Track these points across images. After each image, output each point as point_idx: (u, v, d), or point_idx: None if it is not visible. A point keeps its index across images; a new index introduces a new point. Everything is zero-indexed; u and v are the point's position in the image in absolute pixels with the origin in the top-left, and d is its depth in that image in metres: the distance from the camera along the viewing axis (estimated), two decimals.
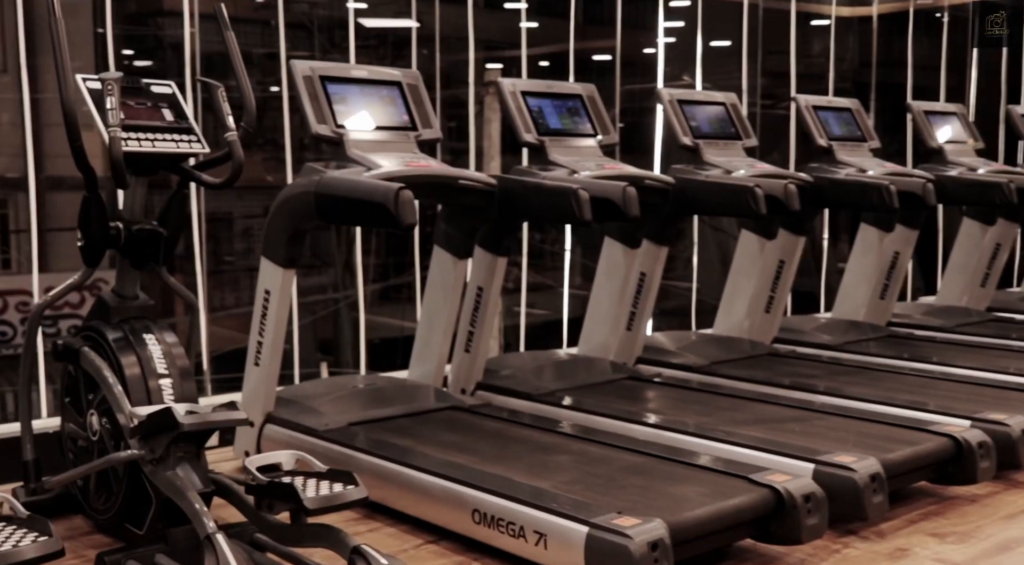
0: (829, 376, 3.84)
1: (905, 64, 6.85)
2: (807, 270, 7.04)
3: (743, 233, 4.41)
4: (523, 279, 5.25)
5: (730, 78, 7.29)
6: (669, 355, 4.09)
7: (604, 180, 3.28)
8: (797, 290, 7.30)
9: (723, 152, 4.15)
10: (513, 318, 5.95)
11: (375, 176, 2.85)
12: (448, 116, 6.54)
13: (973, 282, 5.40)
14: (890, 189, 3.99)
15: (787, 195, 3.65)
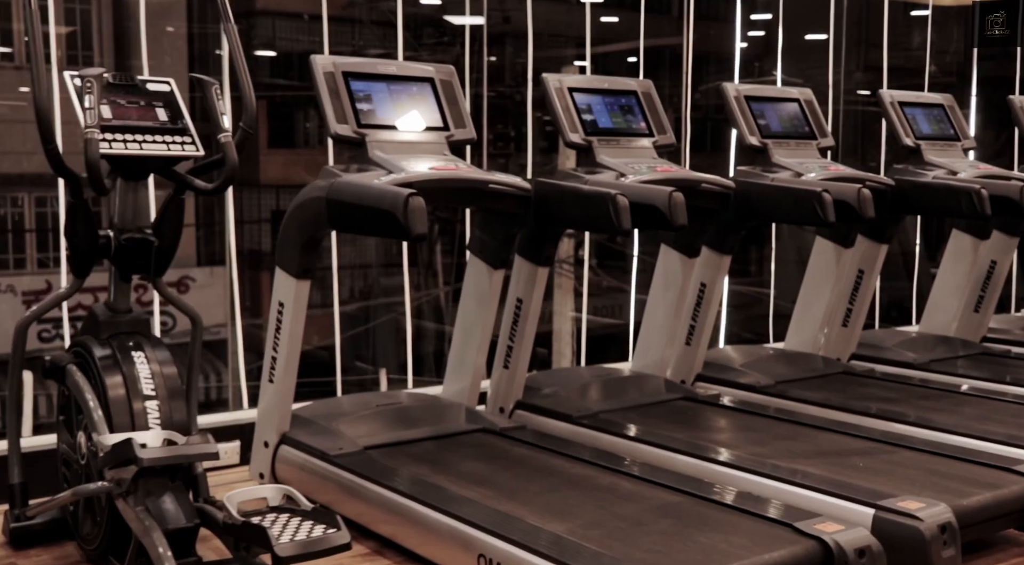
0: (907, 400, 3.47)
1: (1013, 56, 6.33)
2: (899, 278, 6.60)
3: (817, 240, 4.05)
4: (584, 283, 5.00)
5: (824, 73, 6.89)
6: (732, 373, 3.77)
7: (650, 185, 3.00)
8: (888, 300, 6.86)
9: (794, 152, 3.81)
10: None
11: (390, 181, 2.62)
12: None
13: None
14: (981, 193, 3.59)
15: (860, 200, 3.30)
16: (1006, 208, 3.74)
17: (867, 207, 3.28)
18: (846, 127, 10.20)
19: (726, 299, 5.35)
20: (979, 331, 4.57)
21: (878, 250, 4.07)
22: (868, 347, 4.23)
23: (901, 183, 3.83)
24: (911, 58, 7.92)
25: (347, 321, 13.45)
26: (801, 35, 8.64)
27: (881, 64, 6.57)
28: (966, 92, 6.34)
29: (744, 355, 4.00)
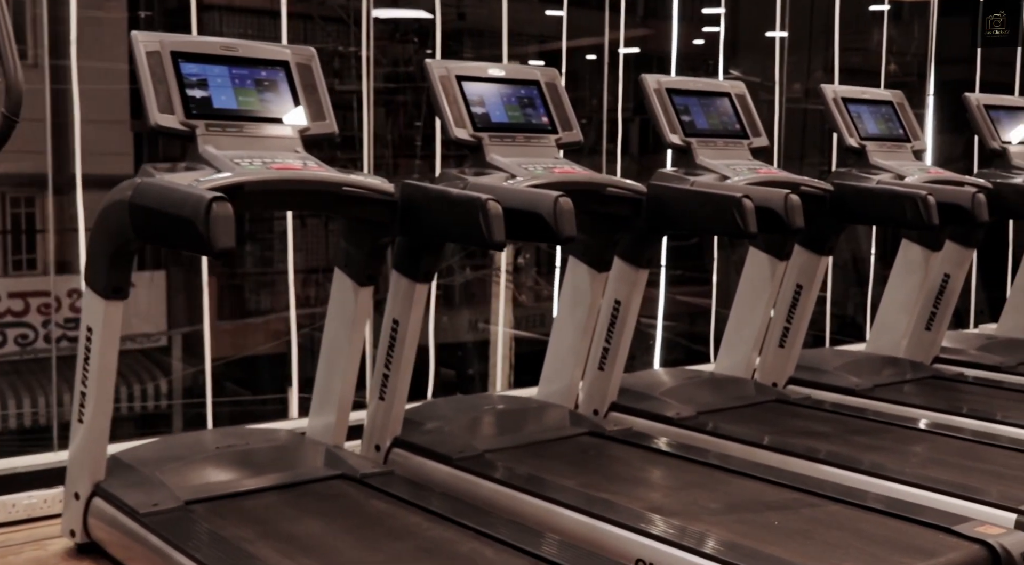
0: (842, 436, 3.06)
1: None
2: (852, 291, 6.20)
3: (751, 251, 3.63)
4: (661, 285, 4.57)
5: (789, 72, 6.51)
6: (650, 402, 3.33)
7: (537, 189, 2.56)
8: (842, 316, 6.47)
9: (723, 153, 3.39)
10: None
11: (208, 183, 2.16)
12: None
13: None
14: (928, 201, 3.18)
15: (788, 208, 2.87)
16: (957, 217, 3.33)
17: (795, 216, 2.85)
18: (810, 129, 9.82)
19: (662, 313, 4.93)
20: (931, 351, 4.16)
21: (818, 262, 3.65)
22: (808, 370, 3.81)
23: (841, 188, 3.41)
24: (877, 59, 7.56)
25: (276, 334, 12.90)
26: (761, 32, 8.26)
27: (848, 64, 6.18)
28: (926, 94, 5.97)
29: (668, 380, 3.57)
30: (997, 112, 4.29)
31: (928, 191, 3.21)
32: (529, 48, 10.17)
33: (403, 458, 2.82)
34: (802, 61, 8.68)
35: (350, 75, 9.63)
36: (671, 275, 7.06)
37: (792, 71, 6.70)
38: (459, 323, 7.88)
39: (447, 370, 5.85)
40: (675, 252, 6.79)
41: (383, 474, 2.59)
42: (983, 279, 6.15)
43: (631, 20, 8.48)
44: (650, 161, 6.11)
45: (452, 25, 12.42)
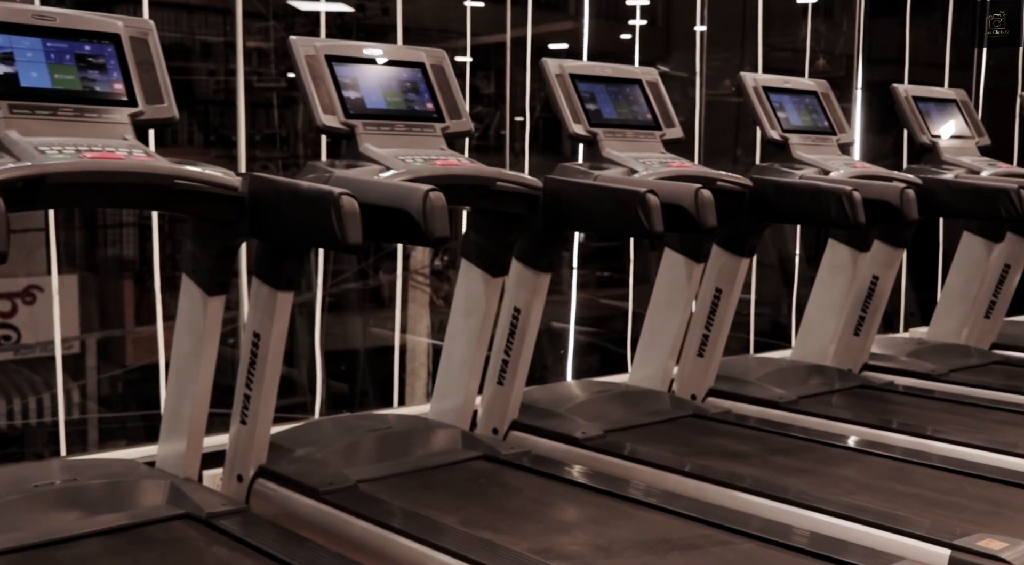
0: (761, 458, 2.77)
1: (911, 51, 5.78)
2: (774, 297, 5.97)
3: (665, 253, 3.34)
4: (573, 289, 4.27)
5: (726, 64, 6.31)
6: (553, 420, 3.01)
7: (408, 183, 2.22)
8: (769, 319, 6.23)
9: (632, 145, 3.09)
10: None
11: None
12: None
13: (977, 311, 4.31)
14: (853, 197, 2.91)
15: (699, 205, 2.57)
16: (885, 215, 3.06)
17: (706, 213, 2.55)
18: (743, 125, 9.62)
19: (573, 319, 4.63)
20: (860, 358, 3.91)
21: (738, 264, 3.36)
22: (729, 381, 3.52)
23: (761, 184, 3.13)
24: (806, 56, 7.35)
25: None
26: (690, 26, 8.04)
27: (777, 60, 5.96)
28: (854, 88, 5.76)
29: (577, 394, 3.26)
30: (926, 104, 4.06)
31: (854, 187, 2.94)
32: (459, 43, 9.86)
33: (265, 493, 2.46)
34: (735, 57, 8.48)
35: (269, 71, 9.22)
36: (599, 278, 6.77)
37: (724, 67, 6.45)
38: (353, 331, 7.48)
39: (338, 384, 5.46)
40: (602, 253, 6.51)
41: (233, 513, 2.23)
42: (913, 280, 5.96)
43: (559, 15, 8.19)
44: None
45: (376, 20, 12.06)
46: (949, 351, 4.10)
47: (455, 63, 2.83)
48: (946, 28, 5.86)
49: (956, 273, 4.27)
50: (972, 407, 3.35)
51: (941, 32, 5.91)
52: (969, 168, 3.86)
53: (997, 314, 4.32)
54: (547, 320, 5.72)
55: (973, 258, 4.20)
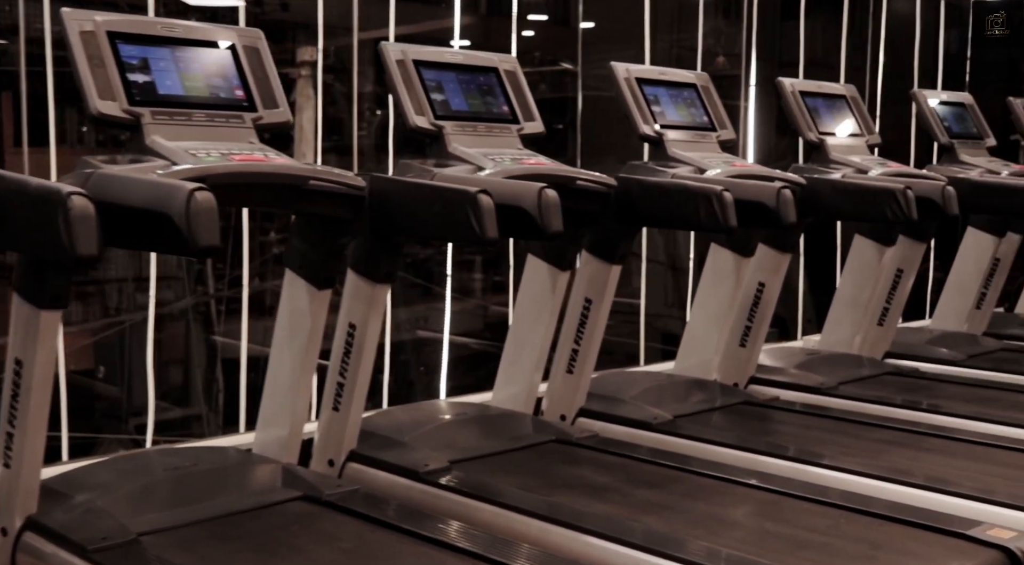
0: (620, 491, 2.46)
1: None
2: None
3: (528, 259, 3.03)
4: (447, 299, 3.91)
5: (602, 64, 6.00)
6: (395, 449, 2.67)
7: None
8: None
9: (484, 140, 2.76)
10: None
11: None
12: None
13: (870, 318, 4.08)
14: (724, 198, 2.62)
15: (542, 207, 2.25)
16: (760, 217, 2.79)
17: (550, 216, 2.23)
18: None
19: (448, 330, 4.30)
20: (746, 370, 3.64)
21: (608, 272, 3.06)
22: (602, 400, 3.22)
23: (626, 184, 2.83)
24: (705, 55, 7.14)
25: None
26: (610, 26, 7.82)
27: (686, 54, 5.73)
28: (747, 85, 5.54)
29: (429, 418, 2.92)
30: (814, 100, 3.81)
31: (725, 187, 2.66)
32: (349, 40, 9.47)
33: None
34: (640, 55, 8.27)
35: None
36: (495, 282, 6.45)
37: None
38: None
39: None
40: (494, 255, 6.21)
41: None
42: (811, 285, 5.77)
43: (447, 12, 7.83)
44: None
45: (274, 16, 11.57)
46: (840, 362, 3.87)
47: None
48: (845, 30, 5.70)
49: (847, 279, 4.04)
50: (859, 425, 3.10)
51: (843, 34, 5.75)
52: (858, 167, 3.62)
53: (890, 321, 4.11)
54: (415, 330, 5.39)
55: (865, 262, 3.97)
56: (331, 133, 5.78)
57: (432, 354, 4.36)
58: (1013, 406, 3.33)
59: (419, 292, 6.45)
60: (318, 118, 4.33)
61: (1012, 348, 4.31)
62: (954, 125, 4.31)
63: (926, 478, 2.51)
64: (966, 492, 2.40)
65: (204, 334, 5.43)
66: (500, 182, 2.33)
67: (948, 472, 2.62)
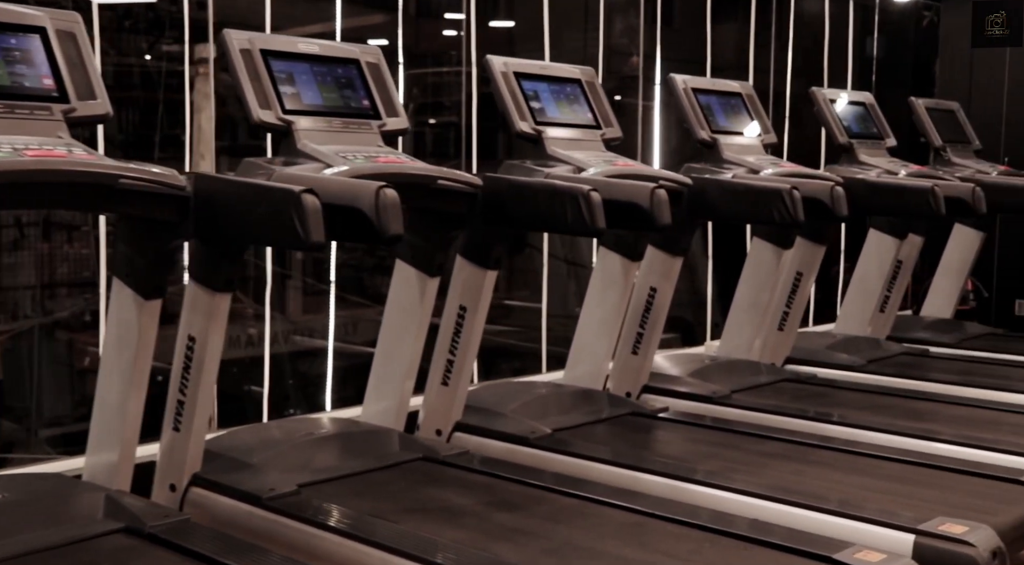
0: (486, 515, 2.27)
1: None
2: None
3: (397, 265, 2.83)
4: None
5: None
6: (244, 474, 2.46)
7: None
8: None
9: (338, 138, 2.57)
10: None
11: None
12: None
13: (769, 323, 3.96)
14: (591, 198, 2.46)
15: (379, 208, 2.06)
16: (634, 219, 2.63)
17: (388, 217, 2.04)
18: None
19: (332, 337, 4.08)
20: (638, 379, 3.49)
21: (482, 278, 2.89)
22: (479, 413, 3.04)
23: (494, 184, 2.66)
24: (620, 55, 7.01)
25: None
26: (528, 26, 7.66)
27: (588, 57, 5.58)
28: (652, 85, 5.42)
29: (278, 439, 2.70)
30: (709, 98, 3.68)
31: (593, 187, 2.50)
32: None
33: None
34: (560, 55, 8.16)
35: None
36: None
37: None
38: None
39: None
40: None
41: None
42: (720, 288, 5.66)
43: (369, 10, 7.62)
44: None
45: (192, 14, 11.23)
46: (737, 368, 3.74)
47: None
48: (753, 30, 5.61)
49: (745, 283, 3.91)
50: (746, 437, 2.96)
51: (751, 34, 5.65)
52: (751, 167, 3.50)
53: (791, 326, 3.99)
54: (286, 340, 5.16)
55: (763, 266, 3.85)
56: (223, 134, 5.53)
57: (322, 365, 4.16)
58: (906, 414, 3.22)
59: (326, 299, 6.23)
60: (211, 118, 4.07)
61: (913, 352, 4.22)
62: (854, 125, 4.22)
63: (804, 495, 2.37)
64: (843, 510, 2.26)
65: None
66: (336, 181, 2.14)
67: (830, 488, 2.48)
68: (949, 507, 2.29)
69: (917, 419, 3.17)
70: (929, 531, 2.10)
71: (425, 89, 7.75)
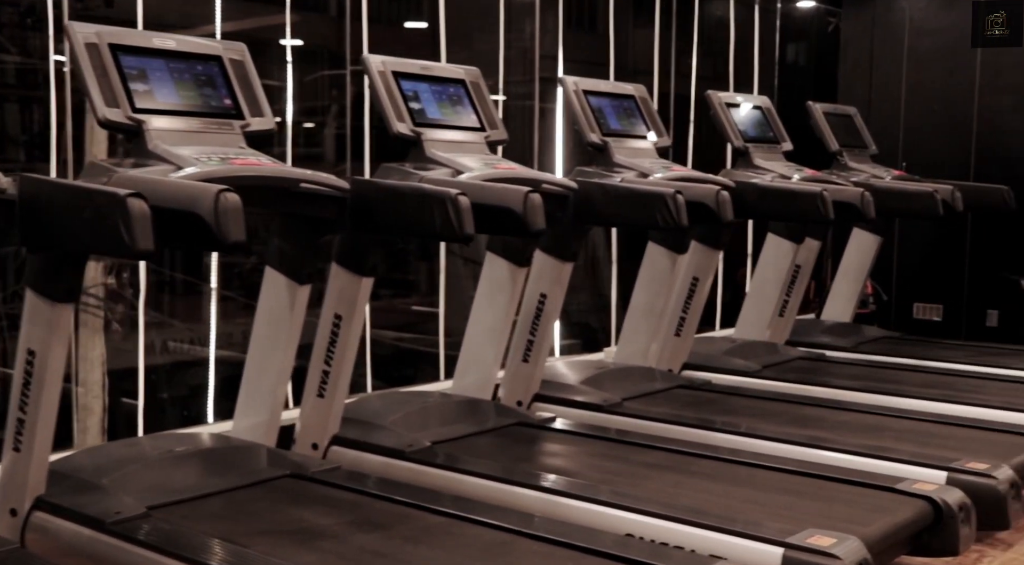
0: (335, 539, 2.16)
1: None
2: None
3: (267, 272, 2.71)
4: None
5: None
6: (90, 496, 2.31)
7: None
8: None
9: (197, 136, 2.43)
10: None
11: None
12: None
13: (665, 329, 3.91)
14: (459, 203, 2.36)
15: (218, 213, 1.94)
16: (506, 223, 2.54)
17: (228, 223, 1.91)
18: None
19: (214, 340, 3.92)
20: (529, 387, 3.41)
21: (358, 285, 2.77)
22: (358, 426, 2.92)
23: (362, 188, 2.54)
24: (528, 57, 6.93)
25: None
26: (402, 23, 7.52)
27: (510, 57, 5.49)
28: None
29: (137, 455, 2.55)
30: (600, 100, 3.62)
31: (462, 191, 2.40)
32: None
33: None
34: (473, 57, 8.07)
35: None
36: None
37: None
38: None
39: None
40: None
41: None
42: (624, 294, 5.62)
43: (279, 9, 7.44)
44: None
45: (98, 12, 10.90)
46: (631, 376, 3.68)
47: None
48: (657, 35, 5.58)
49: (641, 288, 3.85)
50: (630, 447, 2.89)
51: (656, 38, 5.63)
52: (641, 171, 3.44)
53: (687, 331, 3.95)
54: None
55: (658, 271, 3.79)
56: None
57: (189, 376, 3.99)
58: (794, 421, 3.19)
59: (239, 306, 6.02)
60: None
61: (809, 357, 4.21)
62: (751, 129, 4.20)
63: (679, 508, 2.30)
64: (716, 524, 2.19)
65: None
66: (174, 184, 2.01)
67: (707, 500, 2.42)
68: (823, 518, 2.24)
69: (805, 426, 3.14)
70: (797, 544, 2.04)
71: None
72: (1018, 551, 2.56)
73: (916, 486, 2.43)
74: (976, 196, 4.48)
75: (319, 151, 6.40)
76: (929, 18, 5.38)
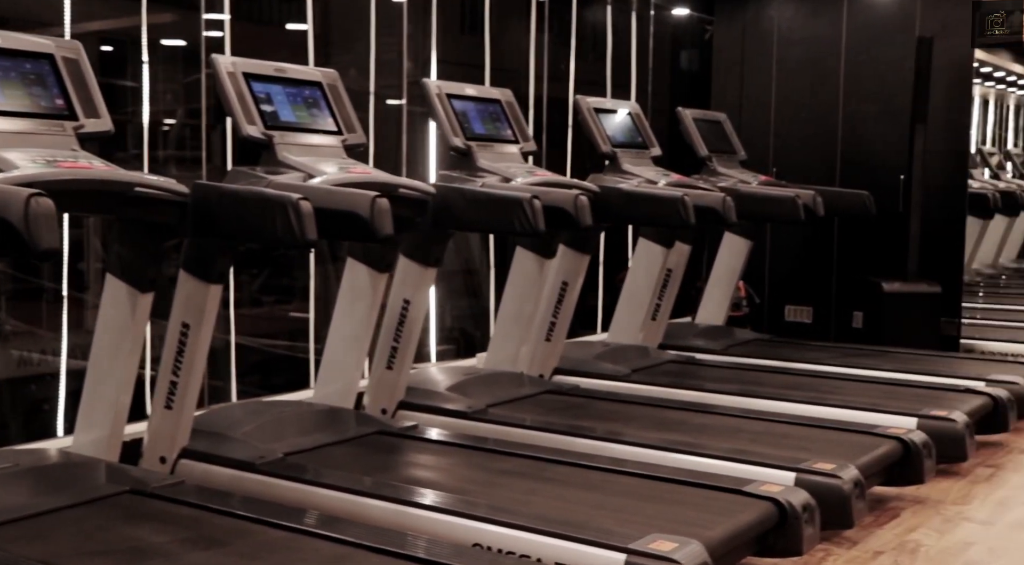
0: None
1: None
2: None
3: None
4: None
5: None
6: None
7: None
8: None
9: (28, 138, 2.31)
10: None
11: None
12: None
13: (536, 334, 3.90)
14: (300, 208, 2.30)
15: (29, 219, 1.84)
16: (353, 229, 2.48)
17: (39, 230, 1.81)
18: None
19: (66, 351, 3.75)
20: (393, 395, 3.36)
21: (206, 293, 2.67)
22: (209, 438, 2.82)
23: (204, 193, 2.45)
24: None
25: None
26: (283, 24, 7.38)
27: (390, 60, 5.39)
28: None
29: None
30: (464, 103, 3.59)
31: (304, 196, 2.34)
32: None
33: None
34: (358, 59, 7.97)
35: None
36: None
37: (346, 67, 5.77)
38: None
39: None
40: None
41: None
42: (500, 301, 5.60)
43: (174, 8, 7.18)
44: None
45: None
46: (499, 381, 3.65)
47: None
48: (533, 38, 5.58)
49: (510, 293, 3.84)
50: (489, 454, 2.86)
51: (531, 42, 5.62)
52: (504, 175, 3.42)
53: (558, 336, 3.94)
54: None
55: (526, 276, 3.78)
56: None
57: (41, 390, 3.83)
58: (655, 424, 3.21)
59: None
60: None
61: (679, 360, 4.26)
62: (619, 134, 4.22)
63: (526, 516, 2.28)
64: (560, 531, 2.17)
65: None
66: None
67: (557, 506, 2.41)
68: (669, 522, 2.25)
69: (666, 429, 3.16)
70: (639, 550, 2.04)
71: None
72: (862, 549, 2.61)
73: (763, 488, 2.45)
74: (838, 201, 4.60)
75: (198, 154, 6.23)
76: (796, 28, 5.51)
